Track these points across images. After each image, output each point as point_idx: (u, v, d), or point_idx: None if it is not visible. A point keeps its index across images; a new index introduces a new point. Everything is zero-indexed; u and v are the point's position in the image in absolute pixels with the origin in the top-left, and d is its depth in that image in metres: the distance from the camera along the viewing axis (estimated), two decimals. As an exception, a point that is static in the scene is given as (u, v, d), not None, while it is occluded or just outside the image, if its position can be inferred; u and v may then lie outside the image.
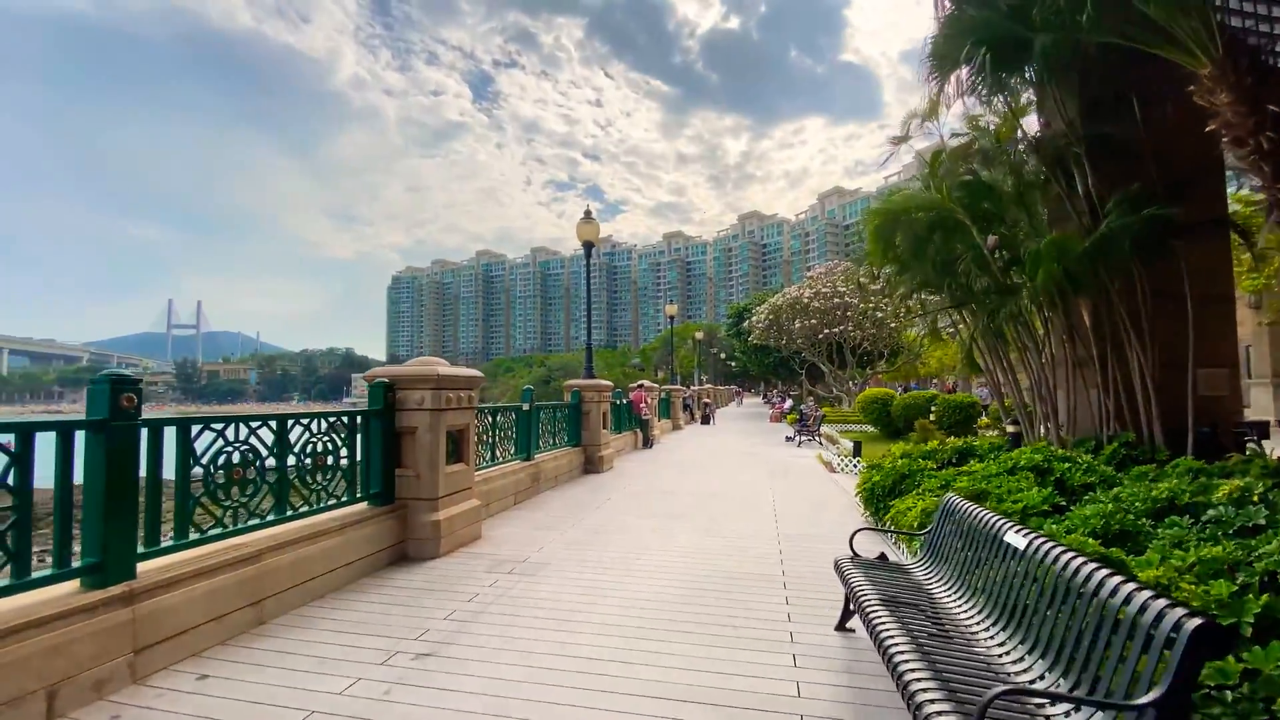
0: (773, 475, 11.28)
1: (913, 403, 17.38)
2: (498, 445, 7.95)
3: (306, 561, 4.42)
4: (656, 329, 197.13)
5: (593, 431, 11.50)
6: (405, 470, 5.68)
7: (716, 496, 9.00)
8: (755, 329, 28.62)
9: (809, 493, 9.44)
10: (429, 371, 5.62)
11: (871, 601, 3.42)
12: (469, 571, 5.20)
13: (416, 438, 5.67)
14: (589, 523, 7.20)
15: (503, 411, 8.18)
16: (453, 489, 5.97)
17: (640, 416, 16.23)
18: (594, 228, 12.13)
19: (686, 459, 14.00)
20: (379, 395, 5.49)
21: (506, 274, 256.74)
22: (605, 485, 10.04)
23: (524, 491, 8.46)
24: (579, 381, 11.68)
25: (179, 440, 3.66)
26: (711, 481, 10.54)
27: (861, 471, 7.75)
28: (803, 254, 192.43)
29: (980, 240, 10.33)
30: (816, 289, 25.76)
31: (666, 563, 5.53)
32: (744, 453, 15.35)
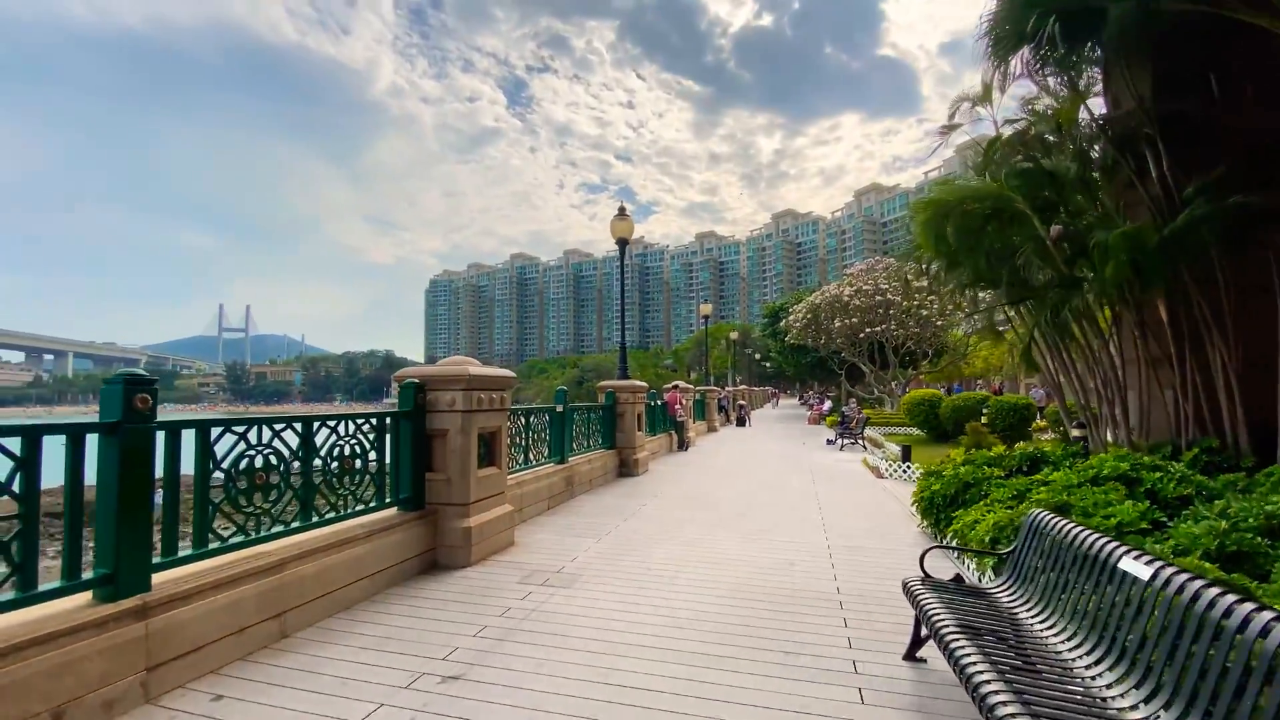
0: (817, 480, 10.77)
1: (963, 405, 16.53)
2: (531, 448, 7.70)
3: (332, 571, 4.21)
4: (689, 329, 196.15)
5: (627, 433, 11.19)
6: (436, 474, 5.45)
7: (759, 503, 8.57)
8: (792, 328, 27.86)
9: (858, 500, 8.92)
10: (460, 371, 5.38)
11: (950, 629, 3.00)
12: (500, 582, 4.92)
13: (447, 440, 5.44)
14: (625, 529, 6.87)
15: (536, 413, 7.93)
16: (484, 494, 5.72)
17: (675, 418, 15.85)
18: (628, 225, 11.83)
19: (724, 462, 13.56)
20: (409, 396, 5.27)
21: (540, 276, 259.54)
22: (641, 489, 9.70)
23: (558, 496, 8.19)
24: (613, 383, 11.39)
25: (198, 443, 3.46)
26: (752, 486, 10.10)
27: (918, 479, 7.22)
28: (839, 252, 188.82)
29: (1042, 231, 9.67)
30: (857, 286, 24.88)
31: (710, 576, 5.15)
32: (784, 456, 14.82)
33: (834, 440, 17.85)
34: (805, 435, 21.72)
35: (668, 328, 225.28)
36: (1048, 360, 10.78)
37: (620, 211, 11.84)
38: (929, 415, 17.51)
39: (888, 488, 10.12)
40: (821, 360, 34.75)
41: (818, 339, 27.47)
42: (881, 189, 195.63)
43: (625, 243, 11.88)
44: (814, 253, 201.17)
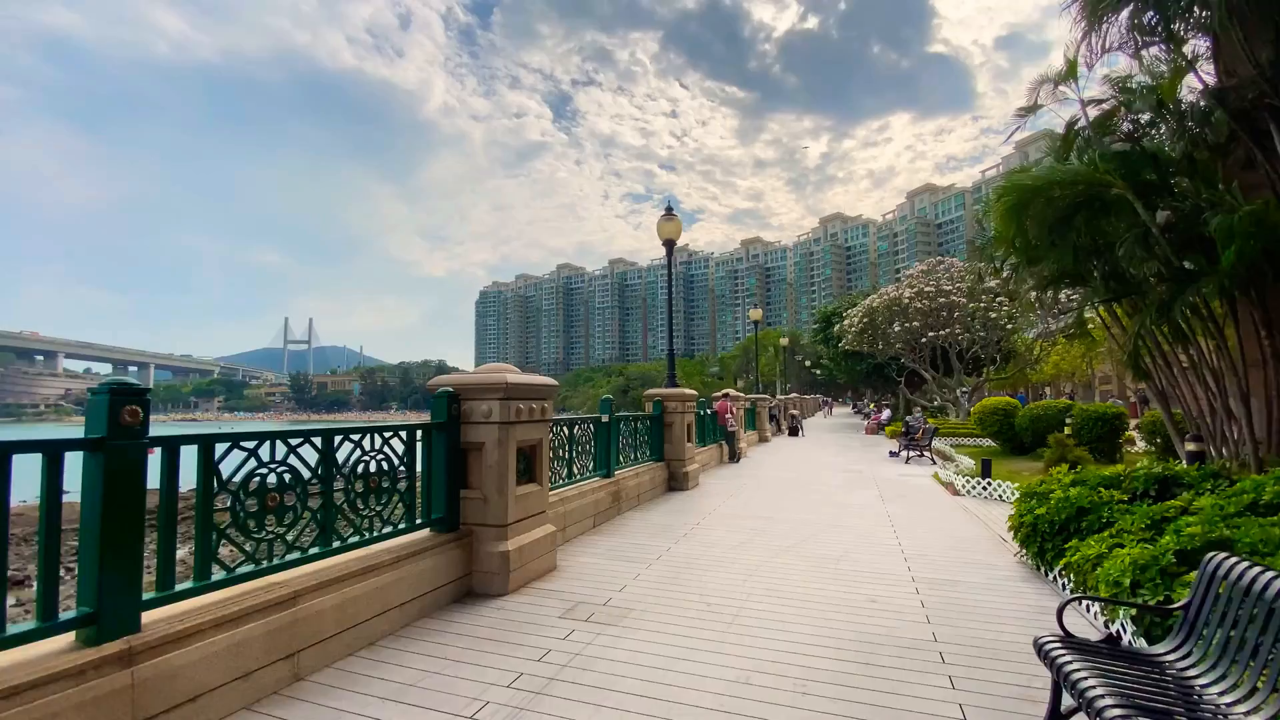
0: (885, 497, 9.85)
1: (1042, 414, 15.13)
2: (574, 461, 7.18)
3: (355, 603, 3.76)
4: (735, 337, 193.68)
5: (676, 445, 10.57)
6: (471, 492, 4.99)
7: (824, 523, 7.78)
8: (847, 334, 26.58)
9: (937, 523, 8.00)
10: (497, 380, 4.90)
11: (1115, 711, 2.27)
12: (540, 616, 4.39)
13: (483, 454, 4.97)
14: (678, 553, 6.24)
15: (580, 423, 7.42)
16: (524, 513, 5.22)
17: (726, 428, 15.11)
18: (676, 225, 11.26)
19: (780, 476, 12.74)
20: (442, 407, 4.83)
21: (586, 286, 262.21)
22: (693, 506, 9.05)
23: (604, 513, 7.64)
24: (661, 390, 10.80)
25: (200, 462, 3.07)
26: (814, 503, 9.29)
27: (1015, 499, 6.30)
28: (891, 255, 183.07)
29: (1147, 218, 8.58)
30: (918, 288, 23.47)
31: (777, 614, 4.47)
32: (845, 469, 13.85)
33: (897, 452, 16.70)
34: (864, 446, 20.53)
35: (713, 336, 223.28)
36: (1155, 364, 9.60)
37: (667, 211, 11.28)
38: (1003, 426, 16.14)
39: (967, 507, 9.13)
40: (878, 367, 33.18)
41: (874, 344, 26.10)
42: (935, 189, 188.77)
43: (673, 243, 11.31)
44: (864, 256, 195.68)
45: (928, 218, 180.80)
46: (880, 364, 31.49)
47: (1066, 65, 10.52)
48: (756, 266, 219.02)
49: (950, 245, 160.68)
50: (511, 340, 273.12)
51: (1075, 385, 55.98)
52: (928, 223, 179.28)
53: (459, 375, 5.15)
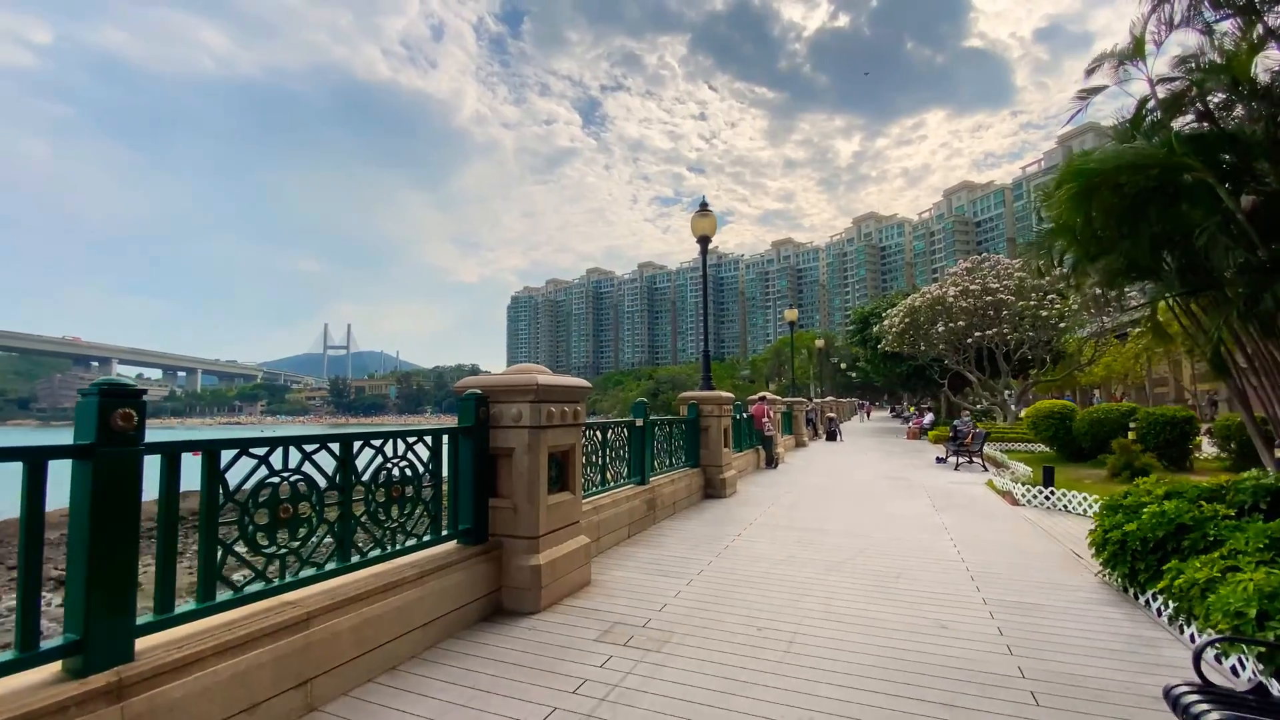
0: (939, 508, 9.22)
1: (1103, 418, 14.16)
2: (608, 467, 6.82)
3: (375, 623, 3.46)
4: (765, 340, 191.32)
5: (713, 450, 10.12)
6: (501, 501, 4.67)
7: (876, 535, 7.25)
8: (887, 334, 25.64)
9: (999, 536, 7.39)
10: (527, 381, 4.57)
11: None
12: (575, 638, 4.02)
13: (513, 461, 4.65)
14: (720, 568, 5.82)
15: (613, 427, 7.06)
16: (556, 524, 4.87)
17: (763, 432, 14.57)
18: (710, 221, 10.83)
19: (821, 482, 12.16)
20: (470, 410, 4.52)
21: (615, 290, 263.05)
22: (732, 515, 8.60)
23: (638, 522, 7.26)
24: (696, 393, 10.37)
25: (205, 470, 2.80)
26: (863, 513, 8.73)
27: (1098, 512, 5.69)
28: (927, 255, 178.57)
29: (1232, 204, 7.86)
30: (962, 286, 22.43)
31: (835, 641, 4.01)
32: (891, 477, 13.18)
33: (944, 458, 15.89)
34: (907, 452, 19.68)
35: (743, 338, 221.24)
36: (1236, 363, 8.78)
37: (702, 207, 10.86)
38: (1058, 430, 15.18)
39: (1030, 518, 8.45)
40: (918, 369, 32.06)
41: (915, 345, 25.10)
42: (974, 187, 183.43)
43: (707, 240, 10.88)
44: (900, 256, 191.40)
45: (966, 216, 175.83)
46: (921, 366, 30.39)
47: (1133, 42, 9.76)
48: (788, 268, 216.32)
49: (990, 244, 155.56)
50: (542, 344, 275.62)
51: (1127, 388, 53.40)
52: (966, 221, 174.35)
53: (487, 377, 4.84)
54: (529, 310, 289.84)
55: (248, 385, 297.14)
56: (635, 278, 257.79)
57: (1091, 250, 9.36)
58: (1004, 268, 23.18)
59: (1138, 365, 40.96)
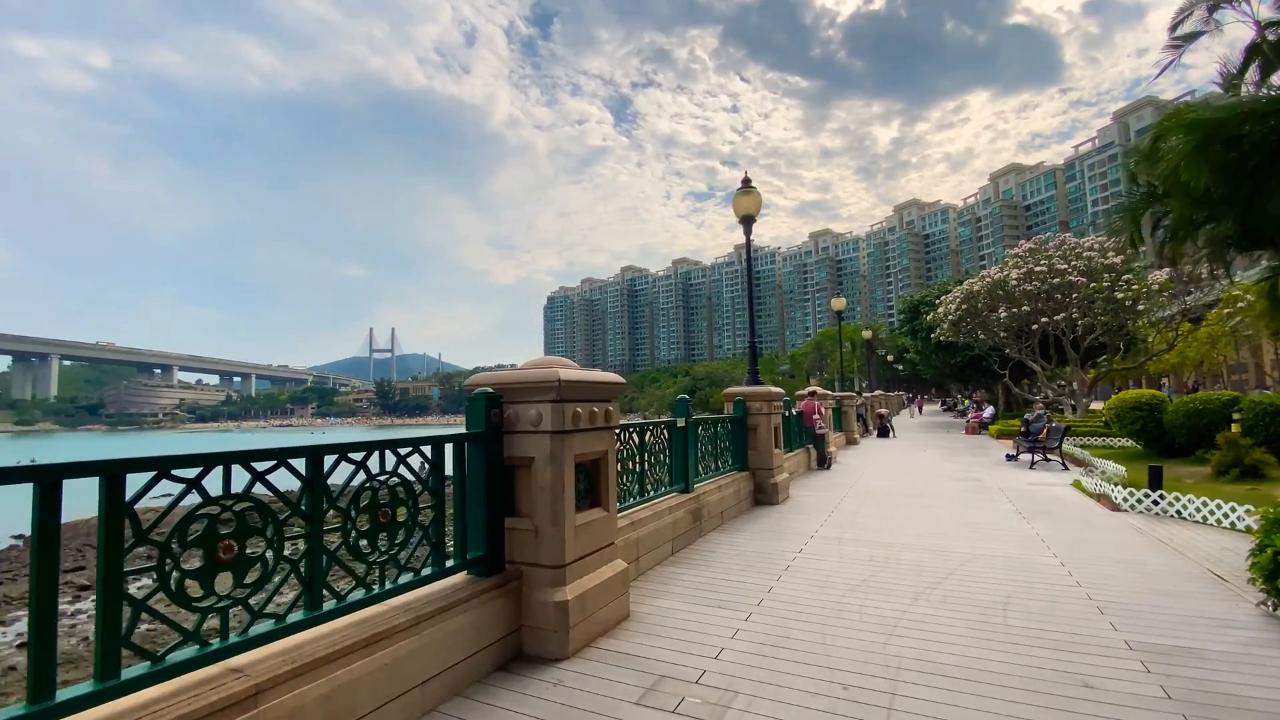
0: (1025, 515, 8.06)
1: (1201, 408, 12.55)
2: (647, 474, 5.98)
3: (353, 689, 2.69)
4: (804, 334, 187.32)
5: (762, 451, 9.17)
6: (518, 521, 3.88)
7: (961, 551, 6.19)
8: (941, 323, 23.98)
9: (1111, 551, 6.23)
10: (547, 376, 3.76)
11: None
12: (611, 698, 3.19)
13: (533, 473, 3.85)
14: (783, 596, 4.90)
15: (651, 429, 6.20)
16: (587, 548, 4.05)
17: (814, 430, 13.50)
18: (755, 199, 9.85)
19: (884, 485, 11.03)
20: (479, 413, 3.75)
21: (650, 287, 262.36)
22: (788, 526, 7.64)
23: (683, 536, 6.39)
24: (743, 389, 9.43)
25: (105, 502, 2.07)
26: (938, 523, 7.65)
27: (1260, 531, 4.54)
28: (974, 241, 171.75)
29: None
30: (1026, 268, 20.67)
31: (946, 709, 3.07)
32: (959, 477, 11.94)
33: (1014, 455, 14.49)
34: (970, 449, 18.22)
35: (781, 333, 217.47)
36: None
37: (745, 184, 9.89)
38: (1147, 423, 13.58)
39: (1139, 527, 7.23)
40: (974, 359, 30.15)
41: (973, 334, 23.39)
42: (1022, 169, 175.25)
43: (751, 220, 9.91)
44: (945, 244, 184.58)
45: (1014, 200, 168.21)
46: (978, 356, 28.52)
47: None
48: (826, 259, 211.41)
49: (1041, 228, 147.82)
50: (578, 343, 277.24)
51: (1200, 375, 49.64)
52: (1014, 205, 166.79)
53: (501, 373, 4.04)
54: (565, 310, 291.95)
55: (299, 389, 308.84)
56: (670, 274, 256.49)
57: (1199, 215, 8.04)
58: (1070, 246, 21.31)
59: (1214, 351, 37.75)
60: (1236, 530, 6.92)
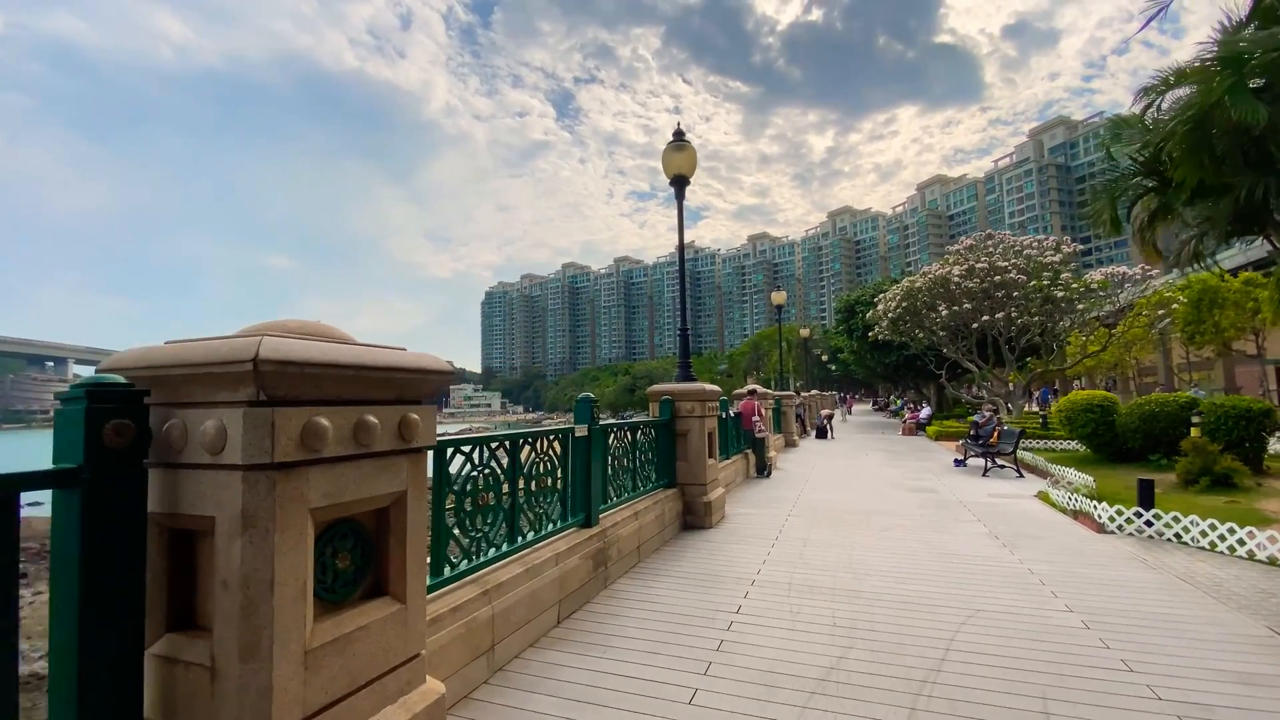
0: (1004, 540, 6.69)
1: (1158, 410, 11.85)
2: (522, 509, 4.08)
3: None
4: (742, 335, 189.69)
5: (694, 462, 7.44)
6: (189, 645, 1.90)
7: (954, 606, 4.63)
8: (881, 320, 23.29)
9: (1129, 597, 4.84)
10: (236, 352, 1.81)
11: None
12: None
13: (215, 552, 1.89)
14: (717, 701, 3.13)
15: (533, 442, 4.30)
16: (340, 687, 2.12)
17: (753, 433, 11.97)
18: (688, 157, 8.11)
19: (833, 499, 9.55)
20: (72, 433, 1.74)
21: (591, 285, 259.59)
22: (724, 563, 5.92)
23: (578, 592, 4.53)
24: (672, 386, 7.67)
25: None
26: (908, 552, 6.13)
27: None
28: (901, 248, 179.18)
29: None
30: (968, 265, 20.15)
31: None
32: (911, 486, 10.66)
33: (963, 460, 13.51)
34: (912, 452, 17.30)
35: (720, 333, 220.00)
36: None
37: (676, 138, 8.12)
38: (1098, 426, 12.88)
39: (1144, 558, 5.97)
40: (909, 358, 29.91)
41: (911, 332, 22.81)
42: (946, 180, 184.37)
43: (684, 182, 8.17)
44: (874, 250, 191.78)
45: (939, 209, 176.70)
46: (913, 355, 28.21)
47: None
48: (764, 262, 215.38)
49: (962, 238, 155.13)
50: (518, 340, 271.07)
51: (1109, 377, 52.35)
52: (939, 214, 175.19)
53: (146, 350, 2.03)
54: (504, 306, 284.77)
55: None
56: (612, 272, 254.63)
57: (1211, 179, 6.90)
58: (1009, 244, 20.98)
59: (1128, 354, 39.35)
60: (1256, 561, 5.74)
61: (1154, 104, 8.12)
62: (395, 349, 2.39)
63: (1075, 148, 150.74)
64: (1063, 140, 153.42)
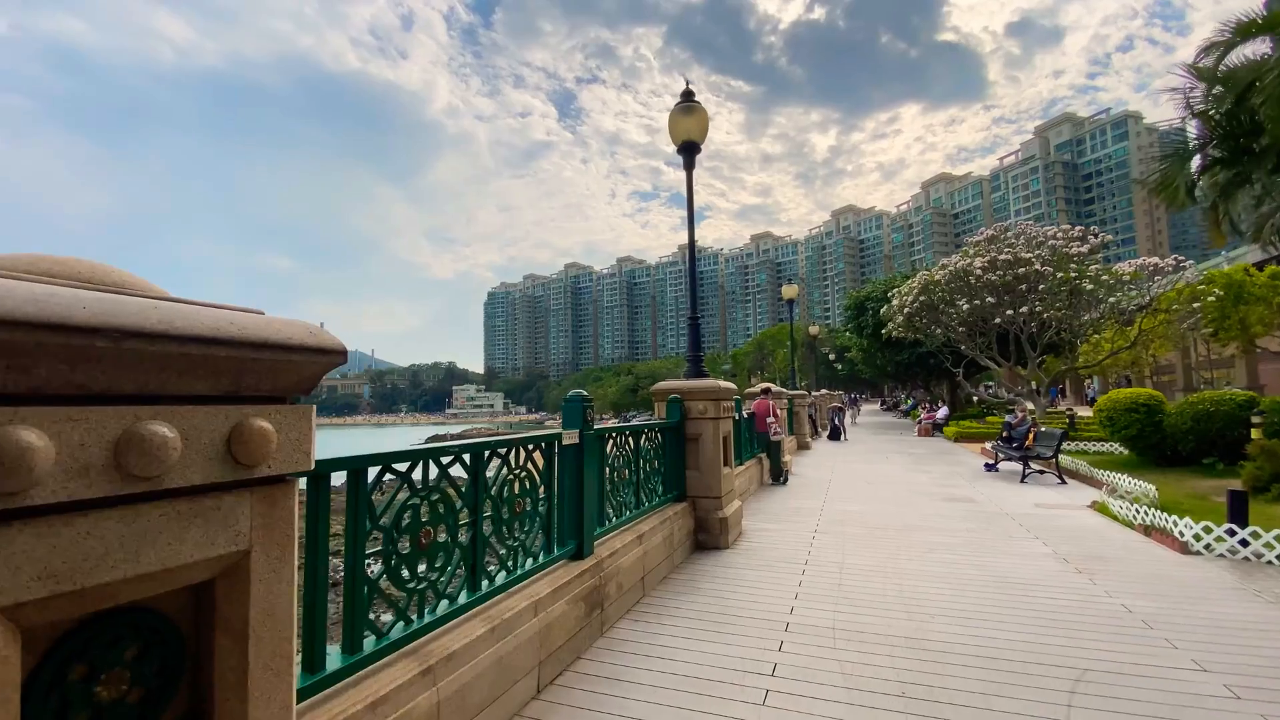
0: (1072, 563, 5.65)
1: (1213, 409, 10.78)
2: (490, 542, 3.09)
3: None
4: (745, 334, 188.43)
5: (707, 471, 6.43)
6: None
7: (1051, 663, 3.61)
8: (895, 316, 22.25)
9: (1234, 631, 3.82)
10: None
11: None
12: None
13: None
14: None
15: (506, 450, 3.31)
16: None
17: (768, 436, 10.96)
18: (698, 121, 7.10)
19: (860, 512, 8.51)
20: None
21: (594, 285, 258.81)
22: (743, 598, 4.90)
23: (565, 647, 3.52)
24: (680, 384, 6.65)
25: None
26: (967, 583, 5.10)
27: None
28: (906, 247, 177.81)
29: None
30: (990, 256, 19.09)
31: None
32: (943, 496, 9.61)
33: (994, 464, 12.46)
34: (933, 454, 16.25)
35: (723, 333, 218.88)
36: None
37: (685, 97, 7.10)
38: (1144, 427, 11.82)
39: (1234, 582, 4.93)
40: (922, 357, 28.81)
41: (928, 329, 21.75)
42: (951, 178, 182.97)
43: (694, 150, 7.17)
44: (879, 249, 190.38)
45: (944, 207, 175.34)
46: (927, 353, 27.11)
47: None
48: (767, 262, 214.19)
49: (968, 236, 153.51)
50: (520, 341, 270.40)
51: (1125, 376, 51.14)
52: (944, 213, 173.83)
53: None
54: (506, 307, 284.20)
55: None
56: (614, 273, 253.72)
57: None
58: (1032, 235, 19.93)
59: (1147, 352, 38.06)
60: (1401, 594, 4.70)
61: (1221, 59, 7.09)
62: (233, 309, 1.40)
63: (1082, 144, 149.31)
64: (1069, 137, 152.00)
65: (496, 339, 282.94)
